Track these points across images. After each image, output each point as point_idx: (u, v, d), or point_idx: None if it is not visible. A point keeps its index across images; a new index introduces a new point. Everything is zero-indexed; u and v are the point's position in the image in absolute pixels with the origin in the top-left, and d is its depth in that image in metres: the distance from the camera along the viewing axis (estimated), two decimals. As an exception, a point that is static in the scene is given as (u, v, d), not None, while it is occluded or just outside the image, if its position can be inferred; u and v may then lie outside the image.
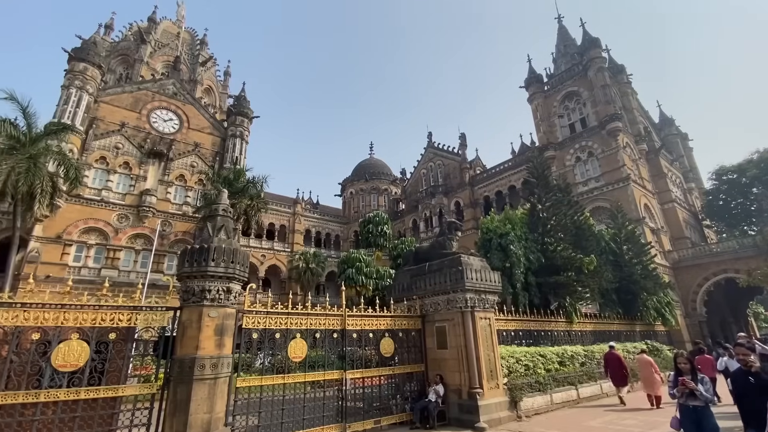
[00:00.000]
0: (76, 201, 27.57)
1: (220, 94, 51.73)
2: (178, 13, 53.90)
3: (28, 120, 22.11)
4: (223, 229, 7.20)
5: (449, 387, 9.54)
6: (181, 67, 41.10)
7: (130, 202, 30.12)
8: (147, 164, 31.78)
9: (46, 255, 25.87)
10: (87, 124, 29.62)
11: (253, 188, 30.64)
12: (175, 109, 35.07)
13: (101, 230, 28.54)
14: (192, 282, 6.64)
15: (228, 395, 6.57)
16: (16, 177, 20.33)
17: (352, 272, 27.74)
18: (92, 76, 30.01)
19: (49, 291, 6.51)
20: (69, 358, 5.59)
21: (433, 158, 47.33)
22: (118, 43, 45.74)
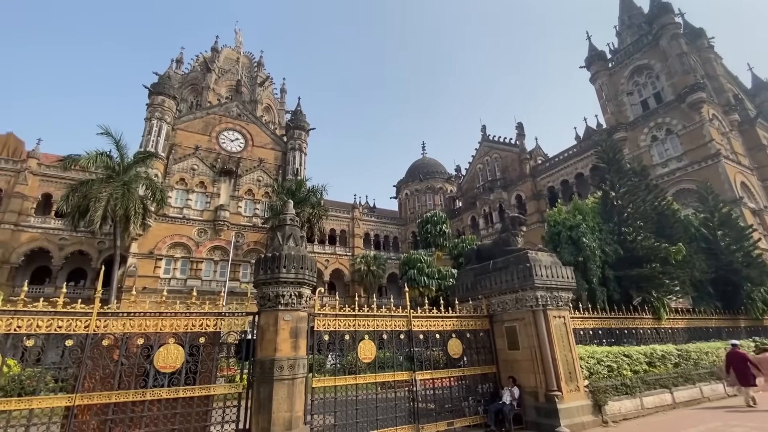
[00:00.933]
0: (163, 220, 30.90)
1: (278, 110, 54.88)
2: (236, 39, 58.27)
3: (120, 151, 25.30)
4: (291, 237, 7.60)
5: (524, 389, 9.12)
6: (243, 90, 44.39)
7: (207, 217, 33.07)
8: (219, 182, 34.68)
9: (142, 269, 29.29)
10: (167, 150, 33.13)
11: (313, 197, 32.08)
12: (240, 129, 37.88)
13: (185, 244, 31.67)
14: (267, 288, 7.10)
15: (305, 395, 6.90)
16: (114, 202, 23.35)
17: (414, 273, 27.72)
18: (169, 107, 33.52)
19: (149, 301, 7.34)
20: (168, 360, 6.25)
21: (489, 152, 45.80)
22: (187, 74, 50.62)
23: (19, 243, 29.52)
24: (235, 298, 28.34)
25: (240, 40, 58.61)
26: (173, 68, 47.34)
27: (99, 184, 23.94)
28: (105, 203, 23.09)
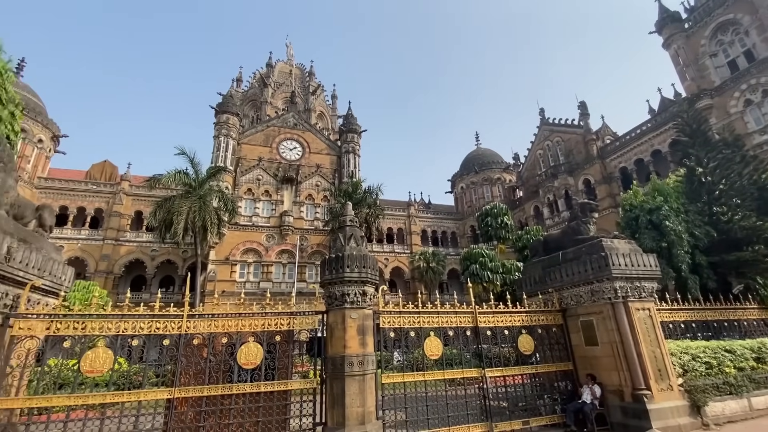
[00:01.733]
0: (235, 228, 33.45)
1: (331, 116, 56.65)
2: (287, 53, 61.22)
3: (195, 168, 27.89)
4: (352, 237, 7.82)
5: (606, 388, 8.48)
6: (297, 100, 46.48)
7: (274, 223, 35.19)
8: (282, 189, 36.72)
9: (220, 274, 31.98)
10: (235, 163, 35.79)
11: (369, 197, 32.68)
12: (297, 138, 39.75)
13: (256, 250, 34.00)
14: (333, 287, 7.38)
15: (376, 391, 7.06)
16: (193, 215, 25.79)
17: (476, 268, 27.04)
18: (233, 124, 36.18)
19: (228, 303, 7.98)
20: (249, 357, 6.76)
21: (550, 136, 43.12)
22: (247, 91, 54.19)
23: (119, 256, 33.80)
24: (304, 298, 29.84)
25: (291, 52, 61.51)
26: (234, 87, 50.99)
27: (179, 199, 26.61)
28: (185, 216, 25.62)
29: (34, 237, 6.72)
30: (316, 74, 58.53)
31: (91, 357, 6.03)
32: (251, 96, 53.42)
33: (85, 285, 20.12)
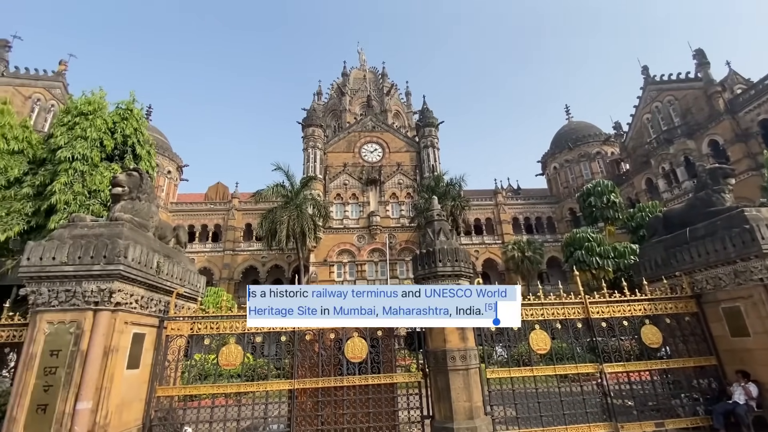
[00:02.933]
0: (329, 231, 35.74)
1: (407, 113, 57.01)
2: (359, 59, 63.23)
3: (290, 180, 30.53)
4: (441, 231, 7.76)
5: (765, 387, 7.03)
6: (373, 103, 47.76)
7: (363, 224, 36.73)
8: (367, 191, 38.13)
9: (320, 275, 34.47)
10: (323, 172, 38.23)
11: (453, 189, 32.09)
12: (376, 140, 40.85)
13: (349, 250, 35.89)
14: (427, 282, 7.41)
15: (482, 386, 6.90)
16: (292, 223, 28.26)
17: (581, 254, 24.56)
18: (318, 135, 38.68)
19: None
20: (355, 352, 7.15)
21: (658, 96, 37.25)
22: (327, 103, 57.40)
23: (237, 264, 38.66)
24: (397, 295, 30.53)
25: (363, 58, 63.41)
26: (315, 101, 54.50)
27: (280, 209, 29.44)
28: (286, 224, 28.26)
29: (174, 253, 8.03)
30: (388, 75, 59.46)
31: (225, 352, 6.99)
32: (331, 106, 56.46)
33: (215, 291, 23.34)
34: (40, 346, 5.71)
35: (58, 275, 5.88)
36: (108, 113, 10.11)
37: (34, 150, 9.71)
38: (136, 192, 7.21)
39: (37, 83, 35.25)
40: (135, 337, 6.47)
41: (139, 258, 6.33)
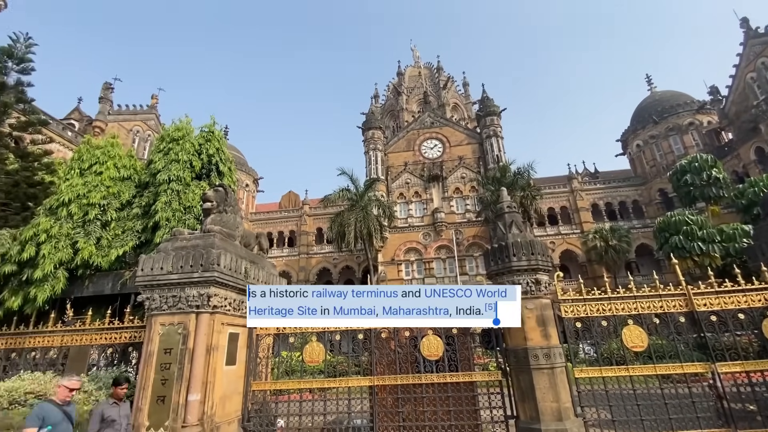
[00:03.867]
0: (394, 231, 36.15)
1: (465, 105, 55.52)
2: (413, 56, 63.00)
3: (354, 184, 31.47)
4: (513, 224, 7.42)
5: None
6: (430, 99, 47.28)
7: (427, 222, 36.54)
8: (430, 188, 37.85)
9: (389, 274, 35.00)
10: (385, 172, 38.78)
11: (521, 179, 30.52)
12: (436, 136, 40.37)
13: (415, 249, 35.95)
14: (501, 278, 7.14)
15: (570, 386, 6.46)
16: (359, 225, 29.10)
17: (679, 240, 21.77)
18: (378, 138, 39.33)
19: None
20: (431, 349, 7.13)
21: (764, 50, 31.73)
22: (384, 104, 58.09)
23: (311, 266, 40.85)
24: (468, 292, 29.85)
25: (417, 55, 63.09)
26: (373, 104, 55.39)
27: (346, 212, 30.51)
28: (353, 226, 29.19)
29: (258, 258, 8.72)
30: (444, 68, 58.44)
31: (309, 350, 7.41)
32: (388, 107, 57.04)
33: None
34: (156, 345, 6.56)
35: (166, 283, 6.72)
36: (194, 137, 11.34)
37: (139, 175, 11.24)
38: (222, 205, 7.96)
39: (135, 117, 40.68)
40: (231, 336, 7.14)
41: (230, 265, 6.98)
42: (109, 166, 10.60)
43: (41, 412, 4.36)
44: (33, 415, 4.33)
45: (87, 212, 9.78)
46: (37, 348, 8.38)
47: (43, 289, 9.08)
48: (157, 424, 6.11)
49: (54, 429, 4.35)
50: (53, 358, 8.39)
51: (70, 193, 9.73)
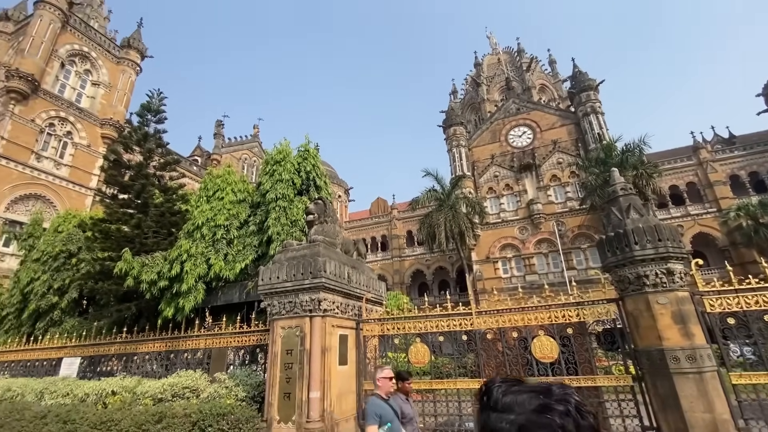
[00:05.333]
0: (486, 228, 34.77)
1: (554, 84, 51.17)
2: (490, 44, 60.27)
3: (440, 183, 31.17)
4: (631, 208, 6.53)
5: None
6: (513, 85, 44.63)
7: (522, 215, 34.35)
8: (522, 179, 35.58)
9: (485, 273, 33.72)
10: (471, 168, 37.65)
11: (631, 156, 26.88)
12: (524, 122, 37.86)
13: (512, 244, 34.04)
14: (622, 270, 6.32)
15: (726, 394, 5.41)
16: (449, 224, 28.68)
17: None
18: (460, 134, 38.40)
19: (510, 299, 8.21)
20: (544, 351, 6.63)
21: None
22: (464, 99, 56.59)
23: (405, 268, 41.54)
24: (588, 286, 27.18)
25: (494, 41, 60.21)
26: (452, 100, 54.34)
27: (435, 213, 30.33)
28: (443, 226, 28.87)
29: (358, 264, 9.16)
30: (525, 50, 54.67)
31: (414, 351, 7.49)
32: (468, 101, 55.38)
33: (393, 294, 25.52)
34: (279, 347, 7.30)
35: (282, 290, 7.45)
36: (293, 157, 12.47)
37: (251, 197, 12.76)
38: (323, 216, 8.56)
39: (242, 147, 46.38)
40: (341, 338, 7.60)
41: (335, 271, 7.46)
42: (228, 192, 12.24)
43: (377, 409, 3.91)
44: (370, 412, 3.92)
45: (215, 233, 11.43)
46: (188, 350, 9.99)
47: (189, 299, 10.83)
48: (286, 418, 6.77)
49: (392, 426, 3.90)
50: (200, 358, 9.91)
51: (201, 218, 11.49)
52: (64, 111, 28.75)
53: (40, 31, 27.65)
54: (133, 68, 34.16)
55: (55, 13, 28.56)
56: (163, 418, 7.27)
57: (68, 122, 28.97)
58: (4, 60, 28.94)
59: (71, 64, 30.37)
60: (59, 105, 28.49)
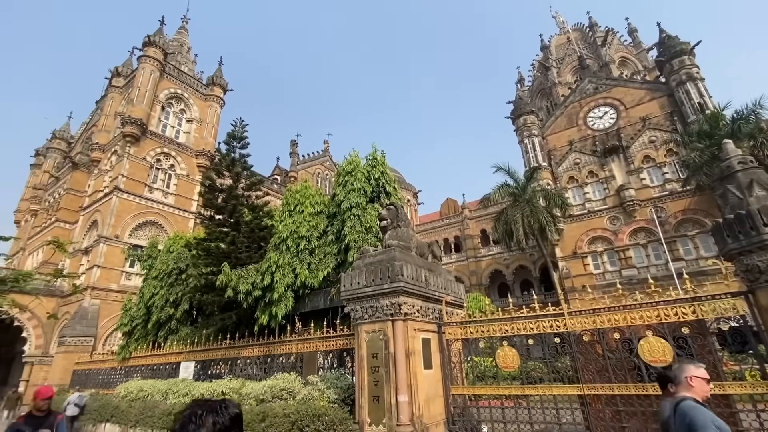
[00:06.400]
0: (570, 221, 32.14)
1: (637, 55, 46.03)
2: (557, 23, 56.20)
3: (513, 177, 29.63)
4: (754, 184, 5.52)
5: None
6: (587, 63, 40.95)
7: (612, 203, 31.12)
8: (608, 164, 32.31)
9: (573, 269, 31.09)
10: (546, 158, 35.22)
11: (745, 124, 22.88)
12: (604, 101, 34.46)
13: (602, 237, 30.98)
14: (749, 258, 5.36)
15: None
16: (527, 220, 27.08)
17: None
18: (532, 122, 36.19)
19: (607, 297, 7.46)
20: (654, 354, 5.87)
21: None
22: (532, 86, 53.43)
23: (481, 269, 40.12)
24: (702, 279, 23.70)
25: (561, 20, 56.04)
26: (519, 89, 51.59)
27: (510, 209, 28.86)
28: (521, 223, 27.32)
29: (434, 266, 9.07)
30: (598, 23, 49.88)
31: (501, 354, 7.16)
32: (537, 87, 52.14)
33: (473, 296, 24.82)
34: (365, 351, 7.50)
35: (363, 295, 7.66)
36: (362, 166, 12.87)
37: (327, 208, 13.42)
38: (396, 221, 8.66)
39: (314, 162, 49.11)
40: (424, 341, 7.57)
41: (412, 274, 7.47)
42: (307, 205, 13.03)
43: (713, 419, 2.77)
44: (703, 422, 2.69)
45: (298, 244, 12.22)
46: (283, 354, 10.75)
47: (280, 307, 11.69)
48: (377, 421, 6.91)
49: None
50: (293, 362, 10.60)
51: (285, 231, 12.38)
52: (167, 147, 33.25)
53: (144, 81, 32.41)
54: (218, 102, 38.27)
55: (154, 64, 33.29)
56: (266, 417, 7.91)
57: (171, 156, 33.43)
58: (119, 110, 34.52)
59: (169, 106, 35.05)
60: (163, 142, 33.03)
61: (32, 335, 25.85)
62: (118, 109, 34.78)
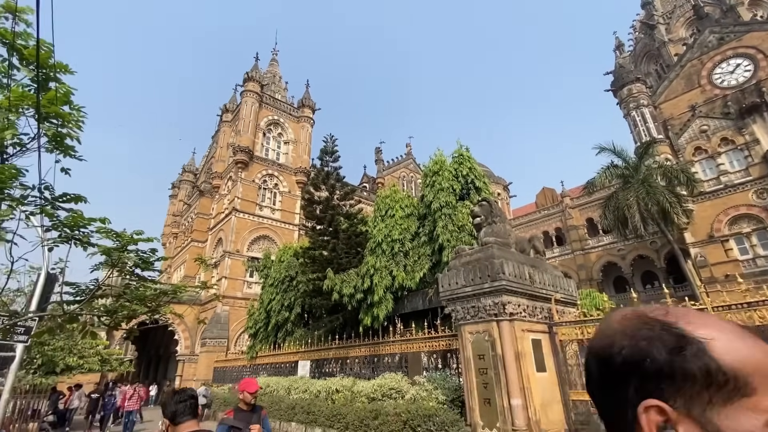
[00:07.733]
0: (701, 199, 27.21)
1: (778, -12, 37.11)
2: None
3: (621, 156, 26.15)
4: None
5: None
6: (705, 11, 34.35)
7: (758, 173, 25.58)
8: (747, 125, 26.63)
9: (711, 256, 26.20)
10: (662, 130, 30.45)
11: None
12: (734, 53, 28.58)
13: (747, 214, 25.59)
14: None
15: None
16: (643, 203, 23.62)
17: None
18: (639, 91, 31.69)
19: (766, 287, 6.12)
20: None
21: None
22: (634, 49, 46.85)
23: (591, 263, 36.15)
24: None
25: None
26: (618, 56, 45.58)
27: (621, 193, 25.47)
28: (636, 206, 23.92)
29: (537, 262, 8.48)
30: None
31: (628, 357, 6.36)
32: (641, 51, 45.46)
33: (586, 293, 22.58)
34: (470, 352, 7.34)
35: (463, 295, 7.52)
36: (448, 164, 12.70)
37: (417, 210, 13.55)
38: (490, 217, 8.33)
39: (399, 166, 50.01)
40: (533, 342, 7.11)
41: (514, 272, 7.10)
42: (397, 209, 13.34)
43: None
44: None
45: (392, 247, 12.57)
46: (387, 354, 11.11)
47: (381, 309, 12.14)
48: (490, 424, 6.69)
49: None
50: (398, 362, 10.87)
51: (379, 236, 12.84)
52: (271, 168, 37.22)
53: (247, 113, 36.82)
54: (309, 122, 41.59)
55: (254, 97, 37.63)
56: (378, 415, 8.24)
57: (274, 176, 37.34)
58: (229, 141, 39.75)
59: (269, 131, 39.19)
60: (267, 165, 37.07)
61: (182, 337, 31.07)
62: (229, 141, 40.10)
